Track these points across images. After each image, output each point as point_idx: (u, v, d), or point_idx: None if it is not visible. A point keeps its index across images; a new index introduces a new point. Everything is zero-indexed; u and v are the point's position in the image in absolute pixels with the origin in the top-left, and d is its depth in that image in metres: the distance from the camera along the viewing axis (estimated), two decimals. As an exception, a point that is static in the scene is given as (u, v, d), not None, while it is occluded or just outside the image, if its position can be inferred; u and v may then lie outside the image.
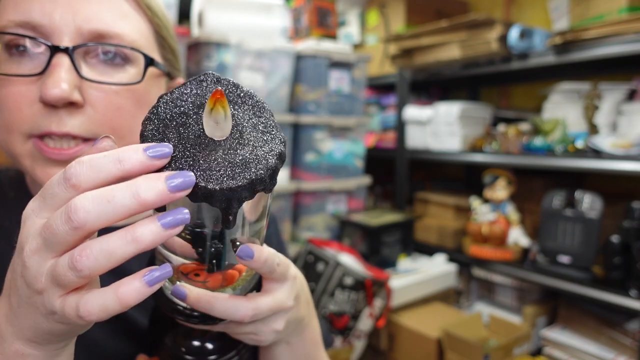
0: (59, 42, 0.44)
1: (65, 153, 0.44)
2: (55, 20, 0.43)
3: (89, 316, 0.27)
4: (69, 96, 0.43)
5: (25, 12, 0.43)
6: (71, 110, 0.44)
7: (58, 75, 0.42)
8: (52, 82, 0.42)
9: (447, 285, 1.88)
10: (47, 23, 0.43)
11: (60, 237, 0.26)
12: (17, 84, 0.44)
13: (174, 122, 0.30)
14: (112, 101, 0.46)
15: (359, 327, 1.56)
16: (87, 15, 0.44)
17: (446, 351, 1.57)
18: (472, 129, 1.94)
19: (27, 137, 0.45)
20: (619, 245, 1.42)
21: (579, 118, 1.63)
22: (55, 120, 0.44)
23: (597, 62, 1.55)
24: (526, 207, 1.88)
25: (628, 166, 1.35)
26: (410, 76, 2.10)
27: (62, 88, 0.42)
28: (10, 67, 0.44)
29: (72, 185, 0.27)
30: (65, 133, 0.44)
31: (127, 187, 0.26)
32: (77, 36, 0.44)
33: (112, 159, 0.27)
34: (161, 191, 0.26)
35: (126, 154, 0.27)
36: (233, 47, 1.49)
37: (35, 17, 0.43)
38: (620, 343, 1.48)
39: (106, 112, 0.46)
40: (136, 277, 0.27)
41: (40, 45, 0.44)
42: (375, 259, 1.80)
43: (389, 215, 1.95)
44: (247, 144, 0.31)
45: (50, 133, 0.44)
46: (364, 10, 2.37)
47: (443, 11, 2.20)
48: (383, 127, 2.30)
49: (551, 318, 1.77)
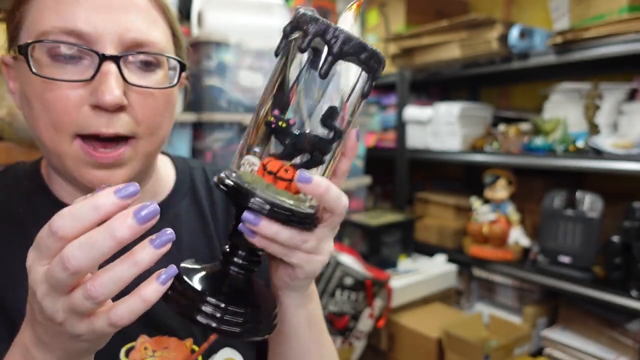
0: (104, 49, 0.47)
1: (111, 156, 0.49)
2: (99, 28, 0.47)
3: (121, 321, 0.33)
4: (121, 101, 0.47)
5: (70, 19, 0.46)
6: (117, 113, 0.48)
7: (111, 82, 0.46)
8: (107, 89, 0.46)
9: (447, 285, 1.88)
10: (92, 31, 0.47)
11: (62, 282, 0.32)
12: (65, 89, 0.47)
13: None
14: (149, 103, 0.51)
15: (359, 327, 1.56)
16: (126, 25, 0.48)
17: (446, 351, 1.57)
18: (472, 129, 1.93)
19: (73, 137, 0.48)
20: (620, 245, 1.42)
21: (579, 118, 1.62)
22: (104, 122, 0.48)
23: (598, 61, 1.55)
24: (526, 207, 1.87)
25: (629, 166, 1.34)
26: (410, 76, 2.10)
27: (116, 94, 0.46)
28: (56, 72, 0.47)
29: (60, 237, 0.32)
30: (114, 134, 0.48)
31: (104, 231, 0.31)
32: (119, 44, 0.48)
33: (89, 207, 0.32)
34: (132, 226, 0.31)
35: (101, 201, 0.32)
36: (233, 47, 1.49)
37: (80, 26, 0.46)
38: (621, 343, 1.48)
39: (144, 112, 0.50)
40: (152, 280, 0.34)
41: (87, 52, 0.47)
42: (375, 259, 1.80)
43: (389, 215, 1.95)
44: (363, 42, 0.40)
45: (100, 134, 0.48)
46: (364, 10, 2.36)
47: (443, 11, 2.20)
48: (383, 127, 2.30)
49: (552, 318, 1.76)
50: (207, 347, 0.57)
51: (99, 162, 0.49)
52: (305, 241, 0.41)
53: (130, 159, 0.51)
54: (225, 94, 1.49)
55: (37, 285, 0.33)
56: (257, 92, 1.55)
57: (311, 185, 0.38)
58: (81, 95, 0.47)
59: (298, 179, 0.37)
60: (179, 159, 0.68)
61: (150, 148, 0.53)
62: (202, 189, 0.65)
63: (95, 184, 0.49)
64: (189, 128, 1.44)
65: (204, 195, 0.65)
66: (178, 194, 0.63)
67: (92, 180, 0.49)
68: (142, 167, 0.53)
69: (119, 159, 0.49)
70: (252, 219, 0.39)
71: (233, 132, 1.50)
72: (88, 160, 0.49)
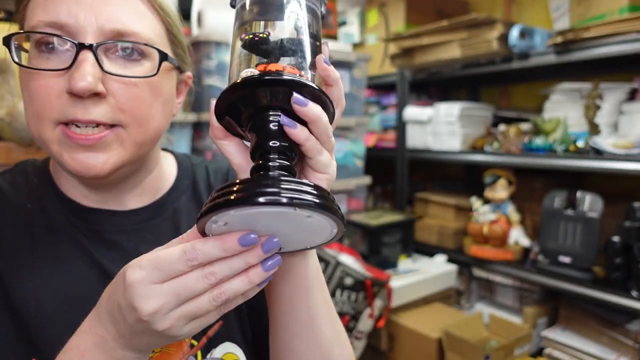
0: (84, 39, 0.49)
1: (90, 138, 0.50)
2: (80, 20, 0.49)
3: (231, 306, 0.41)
4: (93, 87, 0.48)
5: (54, 13, 0.49)
6: (95, 100, 0.50)
7: (84, 69, 0.48)
8: (79, 75, 0.47)
9: (447, 285, 1.88)
10: (73, 23, 0.49)
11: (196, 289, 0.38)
12: (47, 77, 0.49)
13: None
14: (131, 92, 0.52)
15: (359, 327, 1.56)
16: (107, 16, 0.50)
17: (446, 352, 1.57)
18: (472, 129, 1.93)
19: (55, 125, 0.50)
20: (620, 245, 1.42)
21: (579, 118, 1.62)
22: (81, 109, 0.49)
23: (598, 61, 1.55)
24: (527, 207, 1.87)
25: (629, 166, 1.34)
26: (411, 76, 2.10)
27: (88, 80, 0.48)
28: (40, 63, 0.49)
29: (193, 265, 0.37)
30: (90, 120, 0.50)
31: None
32: (100, 35, 0.50)
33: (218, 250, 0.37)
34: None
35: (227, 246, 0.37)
36: (233, 47, 1.49)
37: (62, 18, 0.49)
38: (621, 343, 1.48)
39: (126, 101, 0.51)
40: (258, 267, 0.39)
41: (67, 42, 0.49)
42: (376, 260, 1.80)
43: (389, 215, 1.95)
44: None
45: (77, 120, 0.49)
46: (364, 10, 2.36)
47: (443, 11, 2.20)
48: (383, 127, 2.30)
49: (552, 318, 1.76)
50: (206, 341, 0.57)
51: (79, 144, 0.50)
52: (330, 133, 0.43)
53: (114, 144, 0.52)
54: (225, 94, 1.49)
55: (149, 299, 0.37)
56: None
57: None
58: (59, 83, 0.49)
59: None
60: (182, 156, 0.70)
61: (139, 138, 0.53)
62: (202, 185, 0.66)
63: (75, 168, 0.50)
64: (189, 128, 1.44)
65: (204, 191, 0.66)
66: (178, 190, 0.64)
67: (72, 164, 0.50)
68: (132, 157, 0.54)
69: (99, 142, 0.50)
70: (302, 100, 0.39)
71: (233, 132, 1.50)
72: (70, 144, 0.50)
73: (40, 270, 0.53)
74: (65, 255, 0.54)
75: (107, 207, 0.58)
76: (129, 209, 0.60)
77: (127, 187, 0.59)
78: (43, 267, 0.53)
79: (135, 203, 0.60)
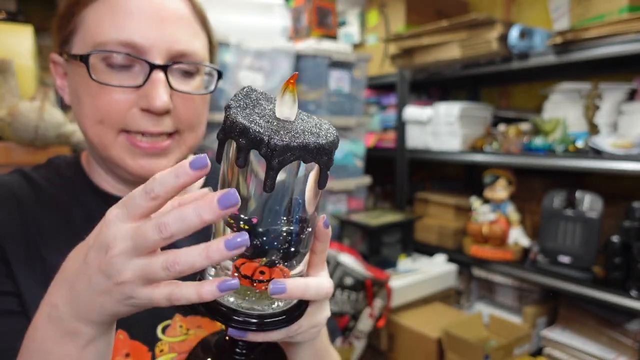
0: (153, 59, 0.54)
1: (157, 147, 0.56)
2: (150, 41, 0.54)
3: (177, 302, 0.36)
4: (168, 106, 0.55)
5: (127, 32, 0.53)
6: (164, 115, 0.56)
7: (160, 89, 0.54)
8: (157, 95, 0.53)
9: (447, 285, 1.88)
10: (145, 43, 0.54)
11: (150, 244, 0.35)
12: (118, 93, 0.54)
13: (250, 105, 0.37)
14: (190, 104, 0.59)
15: (359, 327, 1.56)
16: (173, 36, 0.55)
17: (446, 351, 1.57)
18: (472, 129, 1.93)
19: (119, 132, 0.55)
20: (620, 245, 1.42)
21: (579, 118, 1.62)
22: (152, 122, 0.55)
23: (598, 62, 1.55)
24: (526, 207, 1.88)
25: (628, 166, 1.35)
26: (410, 76, 2.10)
27: (164, 100, 0.54)
28: (110, 78, 0.54)
29: (152, 197, 0.35)
30: (159, 132, 0.56)
31: (193, 210, 0.34)
32: (167, 55, 0.55)
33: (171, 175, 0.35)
34: (216, 212, 0.34)
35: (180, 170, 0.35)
36: (233, 47, 1.49)
37: (136, 39, 0.53)
38: (620, 343, 1.48)
39: (186, 113, 0.58)
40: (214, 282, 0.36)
41: (139, 61, 0.54)
42: (375, 259, 1.80)
43: (389, 215, 1.95)
44: (309, 124, 0.37)
45: (147, 132, 0.55)
46: (364, 10, 2.36)
47: (443, 11, 2.20)
48: (383, 127, 2.30)
49: (551, 318, 1.76)
50: None
51: (145, 152, 0.56)
52: (298, 329, 0.44)
53: (174, 150, 0.59)
54: (225, 94, 1.49)
55: (117, 240, 0.35)
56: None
57: (287, 293, 0.39)
58: (131, 99, 0.54)
59: (272, 291, 0.38)
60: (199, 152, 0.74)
61: (192, 141, 0.61)
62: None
63: (139, 172, 0.56)
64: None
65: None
66: (206, 185, 0.68)
67: (136, 168, 0.56)
68: (182, 157, 0.60)
69: (164, 150, 0.57)
70: (239, 334, 0.41)
71: (233, 132, 1.50)
72: (134, 151, 0.56)
73: None
74: None
75: None
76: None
77: None
78: None
79: None
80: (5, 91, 1.08)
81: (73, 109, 0.59)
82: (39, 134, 1.03)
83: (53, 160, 0.65)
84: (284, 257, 0.39)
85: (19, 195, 0.58)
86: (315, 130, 0.37)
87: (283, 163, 0.34)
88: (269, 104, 0.38)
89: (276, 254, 0.38)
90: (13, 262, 0.53)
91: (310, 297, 0.42)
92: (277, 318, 0.39)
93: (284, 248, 0.38)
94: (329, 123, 0.40)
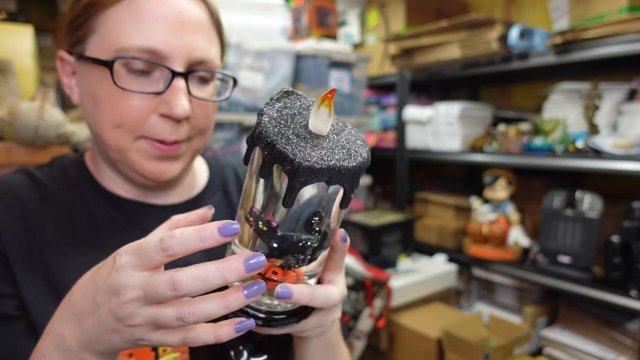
0: (173, 66, 0.54)
1: (174, 148, 0.57)
2: (171, 47, 0.53)
3: (193, 345, 0.37)
4: (189, 113, 0.55)
5: (149, 39, 0.53)
6: (182, 122, 0.56)
7: (181, 96, 0.54)
8: (178, 102, 0.53)
9: (447, 285, 1.88)
10: (167, 50, 0.53)
11: (161, 297, 0.34)
12: (139, 98, 0.54)
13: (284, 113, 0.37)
14: (204, 111, 0.59)
15: (359, 327, 1.56)
16: (193, 45, 0.55)
17: (446, 351, 1.57)
18: (472, 129, 1.94)
19: (137, 137, 0.55)
20: (619, 245, 1.42)
21: (579, 118, 1.62)
22: (169, 130, 0.55)
23: (598, 62, 1.55)
24: (526, 207, 1.88)
25: (628, 166, 1.35)
26: (410, 76, 2.10)
27: (185, 108, 0.54)
28: (131, 83, 0.54)
29: (169, 255, 0.34)
30: (175, 140, 0.56)
31: (216, 270, 0.34)
32: (186, 62, 0.55)
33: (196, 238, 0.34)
34: (241, 273, 0.34)
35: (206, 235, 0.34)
36: (233, 47, 1.49)
37: (158, 46, 0.53)
38: (620, 343, 1.48)
39: (201, 119, 0.59)
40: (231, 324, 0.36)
41: (160, 67, 0.54)
42: (375, 259, 1.80)
43: (389, 215, 1.95)
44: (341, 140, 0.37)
45: (164, 141, 0.55)
46: (364, 10, 2.36)
47: (443, 11, 2.20)
48: (383, 127, 2.30)
49: (551, 318, 1.76)
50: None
51: (163, 155, 0.56)
52: (303, 327, 0.44)
53: (185, 154, 0.59)
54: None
55: (127, 288, 0.35)
56: (257, 92, 1.55)
57: (293, 299, 0.39)
58: (151, 105, 0.54)
59: (278, 295, 0.38)
60: (210, 158, 0.75)
61: (200, 145, 0.61)
62: (233, 186, 0.71)
63: (153, 174, 0.57)
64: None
65: (235, 192, 0.71)
66: (212, 188, 0.69)
67: (151, 170, 0.57)
68: (191, 161, 0.61)
69: (177, 153, 0.57)
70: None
71: (233, 132, 1.50)
72: (153, 153, 0.56)
73: (83, 256, 0.55)
74: (106, 245, 0.57)
75: (147, 200, 0.63)
76: (169, 203, 0.64)
77: (172, 185, 0.64)
78: (85, 255, 0.56)
79: (174, 198, 0.65)
80: (5, 91, 1.08)
81: (86, 110, 0.58)
82: (39, 134, 1.03)
83: (57, 160, 0.65)
84: (299, 262, 0.39)
85: (22, 195, 0.57)
86: (345, 149, 0.36)
87: (305, 184, 0.33)
88: (304, 112, 0.38)
89: (291, 259, 0.38)
90: (13, 262, 0.53)
91: (316, 305, 0.42)
92: (283, 316, 0.40)
93: (299, 255, 0.38)
94: (363, 138, 0.39)
